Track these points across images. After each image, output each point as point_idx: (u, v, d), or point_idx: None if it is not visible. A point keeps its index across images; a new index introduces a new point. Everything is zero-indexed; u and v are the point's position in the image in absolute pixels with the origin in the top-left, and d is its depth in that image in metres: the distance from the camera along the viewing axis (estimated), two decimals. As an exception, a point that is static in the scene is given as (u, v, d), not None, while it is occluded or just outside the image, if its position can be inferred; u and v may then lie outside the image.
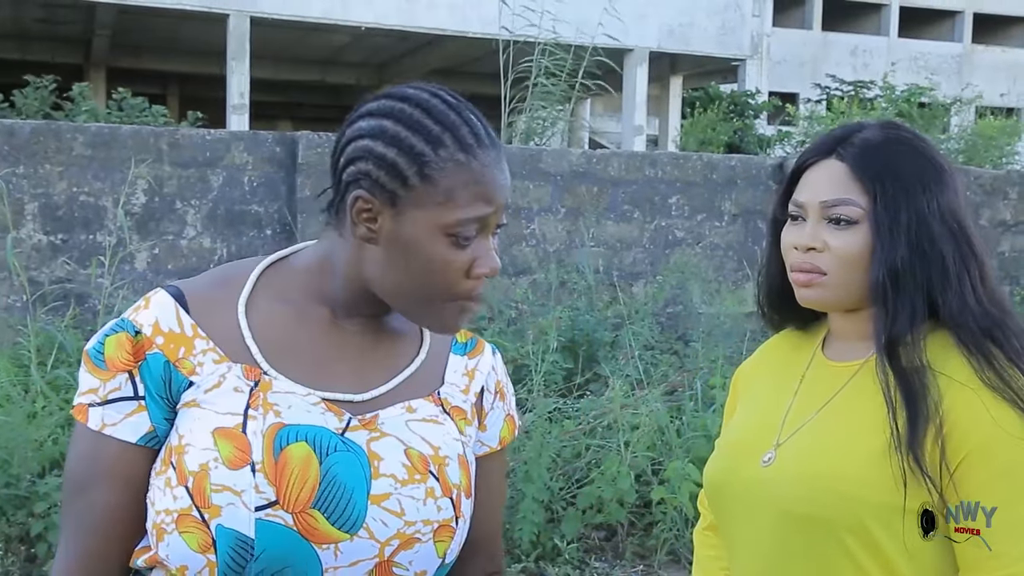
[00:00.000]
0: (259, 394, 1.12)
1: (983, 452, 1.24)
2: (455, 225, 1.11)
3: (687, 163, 7.53)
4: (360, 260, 1.16)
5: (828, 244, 1.34)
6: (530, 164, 7.03)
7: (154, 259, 6.19)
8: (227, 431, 1.09)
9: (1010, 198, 8.48)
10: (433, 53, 17.44)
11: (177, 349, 1.13)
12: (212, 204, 6.30)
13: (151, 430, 1.13)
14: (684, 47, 16.93)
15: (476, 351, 1.31)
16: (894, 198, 1.31)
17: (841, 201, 1.33)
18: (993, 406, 1.25)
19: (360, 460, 1.12)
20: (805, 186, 1.38)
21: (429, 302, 1.15)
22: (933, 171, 1.34)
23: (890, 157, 1.34)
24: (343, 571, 1.10)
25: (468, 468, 1.21)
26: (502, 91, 7.49)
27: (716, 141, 14.05)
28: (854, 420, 1.34)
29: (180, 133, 6.39)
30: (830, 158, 1.36)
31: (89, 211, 6.09)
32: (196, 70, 18.83)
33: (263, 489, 1.07)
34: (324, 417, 1.13)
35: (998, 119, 15.40)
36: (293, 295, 1.20)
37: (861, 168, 1.33)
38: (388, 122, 1.13)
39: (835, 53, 25.08)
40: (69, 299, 5.52)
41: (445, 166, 1.11)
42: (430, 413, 1.20)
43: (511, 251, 6.99)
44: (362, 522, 1.10)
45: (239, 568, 1.07)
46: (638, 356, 5.27)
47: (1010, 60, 26.36)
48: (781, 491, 1.34)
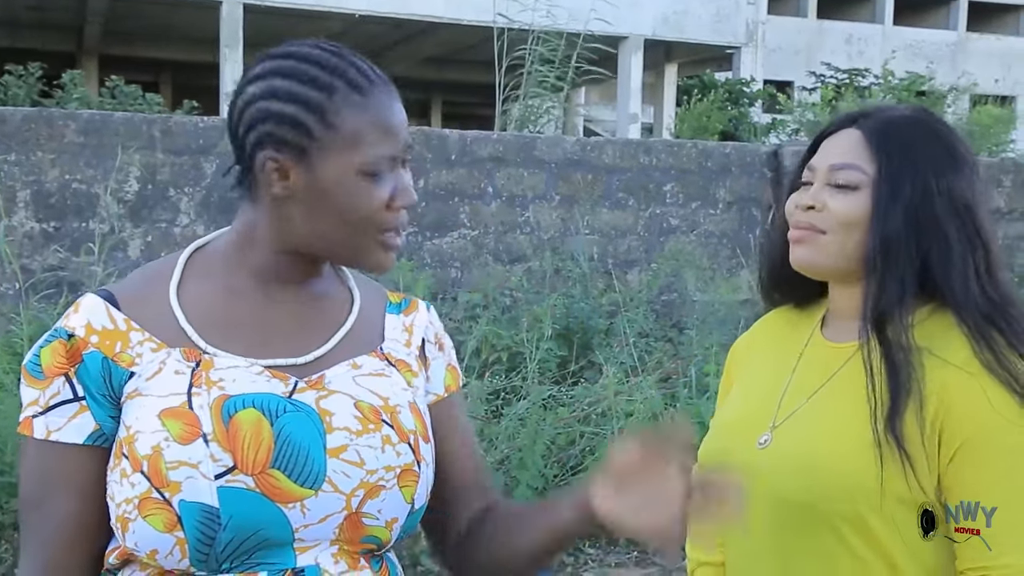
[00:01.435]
0: (201, 373, 1.12)
1: (981, 440, 1.23)
2: (367, 164, 1.14)
3: (681, 151, 7.52)
4: (280, 221, 1.17)
5: (827, 204, 1.34)
6: (525, 152, 7.02)
7: (147, 246, 6.17)
8: (173, 410, 1.10)
9: (1004, 186, 8.48)
10: (427, 41, 17.39)
11: (113, 345, 1.13)
12: (205, 191, 6.28)
13: (96, 428, 1.13)
14: (679, 35, 16.91)
15: (411, 308, 1.33)
16: (900, 169, 1.32)
17: (847, 165, 1.34)
18: (991, 388, 1.24)
19: (311, 418, 1.13)
20: (820, 152, 1.39)
21: (357, 242, 1.17)
22: (948, 155, 1.34)
23: (906, 132, 1.35)
24: (313, 528, 1.11)
25: (421, 415, 1.23)
26: (497, 79, 7.47)
27: (711, 129, 14.03)
28: (849, 404, 1.32)
29: (173, 120, 6.36)
30: (850, 128, 1.38)
31: (82, 198, 6.06)
32: (189, 58, 18.76)
33: (219, 457, 1.07)
34: (270, 384, 1.14)
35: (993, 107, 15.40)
36: (221, 274, 1.21)
37: (874, 137, 1.34)
38: (278, 80, 1.15)
39: (830, 41, 25.03)
40: (62, 287, 5.50)
41: (343, 110, 1.14)
42: (376, 367, 1.22)
43: (505, 239, 6.98)
44: (324, 477, 1.11)
45: (209, 540, 1.07)
46: (632, 343, 5.27)
47: (1004, 48, 26.34)
48: (776, 478, 1.34)
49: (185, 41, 18.07)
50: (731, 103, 15.90)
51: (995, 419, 1.23)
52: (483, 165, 6.92)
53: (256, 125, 1.15)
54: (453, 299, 6.12)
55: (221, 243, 1.24)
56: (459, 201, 6.90)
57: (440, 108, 23.00)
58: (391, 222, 1.18)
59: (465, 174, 6.89)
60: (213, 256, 1.23)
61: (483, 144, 6.93)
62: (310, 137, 1.14)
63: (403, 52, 18.01)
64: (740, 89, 16.46)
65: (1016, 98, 23.11)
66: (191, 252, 1.23)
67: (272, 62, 1.17)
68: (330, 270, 1.29)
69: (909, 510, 1.27)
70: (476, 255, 6.89)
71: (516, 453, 4.22)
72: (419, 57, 18.40)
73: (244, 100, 1.17)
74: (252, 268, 1.20)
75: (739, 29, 17.27)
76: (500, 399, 4.81)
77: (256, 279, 1.20)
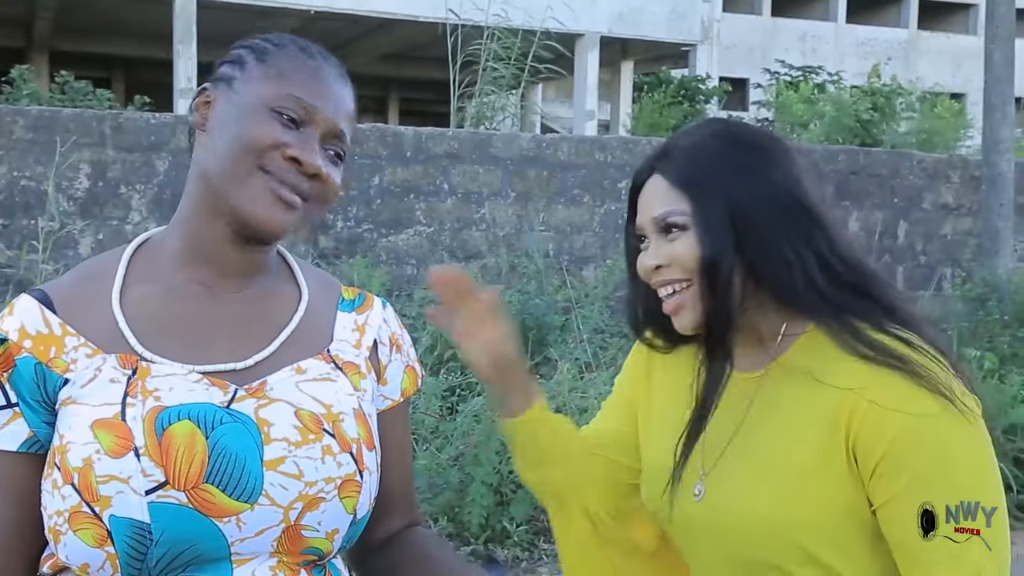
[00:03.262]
0: (137, 381, 1.09)
1: (901, 452, 1.21)
2: (278, 99, 1.14)
3: (636, 147, 7.56)
4: (199, 160, 1.18)
5: (671, 255, 1.32)
6: (480, 149, 7.03)
7: (99, 244, 6.10)
8: (105, 422, 1.07)
9: (952, 182, 8.62)
10: (383, 37, 17.31)
11: (47, 350, 1.11)
12: (158, 189, 6.22)
13: (31, 435, 1.10)
14: (635, 32, 16.97)
15: (365, 306, 1.29)
16: (706, 193, 1.30)
17: (667, 213, 1.31)
18: (883, 393, 1.22)
19: (249, 429, 1.09)
20: (639, 211, 1.37)
21: (241, 175, 1.13)
22: (751, 156, 1.32)
23: (702, 157, 1.32)
24: (250, 542, 1.08)
25: (366, 421, 1.19)
26: (451, 75, 7.46)
27: (665, 125, 14.11)
28: (775, 440, 1.30)
29: (124, 117, 6.29)
30: (653, 176, 1.35)
31: (30, 195, 5.98)
32: (142, 54, 18.52)
33: (150, 472, 1.04)
34: (208, 392, 1.11)
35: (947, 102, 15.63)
36: (163, 272, 1.18)
37: (677, 177, 1.32)
38: (242, 43, 1.23)
39: (784, 39, 25.28)
40: (10, 285, 5.42)
41: (283, 56, 1.18)
42: (321, 372, 1.18)
43: (461, 235, 6.98)
44: (260, 490, 1.07)
45: (140, 556, 1.04)
46: (587, 340, 5.30)
47: (954, 46, 26.74)
48: (720, 536, 1.32)
49: (138, 37, 17.83)
50: (687, 100, 16.01)
51: (907, 425, 1.20)
52: (439, 162, 6.92)
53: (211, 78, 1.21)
54: (408, 296, 6.11)
55: (163, 236, 1.21)
56: (415, 198, 6.89)
57: (397, 105, 22.91)
58: (276, 164, 1.13)
59: (421, 171, 6.89)
60: (156, 252, 1.20)
61: (439, 141, 6.93)
62: (242, 69, 1.17)
63: (359, 48, 17.92)
64: (696, 86, 16.58)
65: (966, 95, 23.47)
66: (135, 248, 1.20)
67: None
68: (280, 266, 1.26)
69: (855, 528, 1.26)
70: (432, 252, 6.89)
71: (471, 450, 4.23)
72: (376, 53, 18.30)
73: None
74: (191, 256, 1.18)
75: (694, 26, 17.38)
76: (455, 396, 4.82)
77: (198, 273, 1.18)
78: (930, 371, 1.22)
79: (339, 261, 6.24)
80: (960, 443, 1.21)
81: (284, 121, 1.14)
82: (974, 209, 8.62)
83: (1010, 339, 6.74)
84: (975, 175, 8.63)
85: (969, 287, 7.92)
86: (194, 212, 1.18)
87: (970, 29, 27.28)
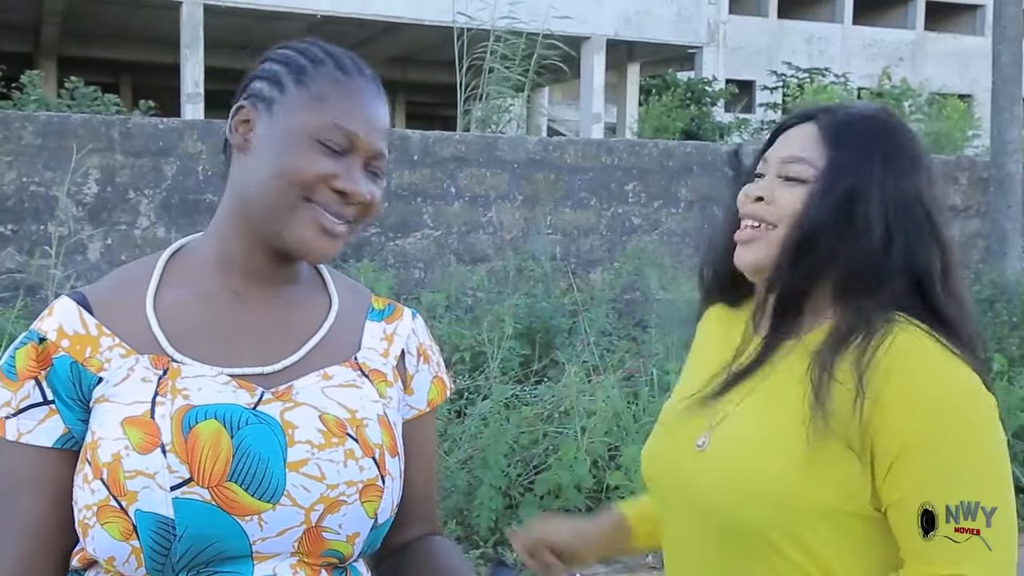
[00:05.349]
0: (167, 381, 1.12)
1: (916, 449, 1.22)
2: (322, 129, 1.14)
3: (643, 150, 7.56)
4: (235, 179, 1.19)
5: (776, 197, 1.33)
6: (487, 152, 7.03)
7: (107, 249, 6.12)
8: (135, 419, 1.10)
9: (960, 183, 8.61)
10: (389, 41, 17.35)
11: (83, 349, 1.14)
12: (166, 193, 6.24)
13: (66, 432, 1.14)
14: (641, 35, 16.97)
15: (394, 316, 1.31)
16: (844, 165, 1.30)
17: (796, 159, 1.33)
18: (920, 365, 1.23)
19: (274, 431, 1.12)
20: (775, 145, 1.38)
21: (283, 203, 1.14)
22: (902, 154, 1.32)
23: (860, 129, 1.33)
24: (272, 541, 1.10)
25: (391, 428, 1.20)
26: (457, 78, 7.47)
27: (672, 128, 14.11)
28: (782, 409, 1.30)
29: (132, 122, 6.31)
30: (809, 123, 1.36)
31: (39, 201, 6.00)
32: (149, 59, 18.58)
33: (175, 468, 1.07)
34: (236, 394, 1.14)
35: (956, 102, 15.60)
36: (197, 278, 1.21)
37: (827, 133, 1.33)
38: (276, 56, 1.22)
39: (790, 41, 25.27)
40: (19, 290, 5.44)
41: (321, 77, 1.17)
42: (347, 378, 1.20)
43: (468, 239, 6.99)
44: (282, 490, 1.10)
45: (164, 550, 1.07)
46: (595, 342, 5.30)
47: (961, 47, 26.69)
48: (709, 493, 1.32)
49: (145, 42, 17.89)
50: (693, 102, 16.00)
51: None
52: (446, 165, 6.93)
53: (246, 88, 1.20)
54: (416, 300, 6.12)
55: (198, 243, 1.24)
56: (422, 202, 6.90)
57: (404, 109, 22.94)
58: (324, 197, 1.14)
59: (428, 174, 6.90)
60: (190, 259, 1.23)
61: (445, 144, 6.94)
62: (281, 91, 1.17)
63: (366, 53, 17.79)
64: (702, 88, 16.57)
65: (973, 97, 23.43)
66: (171, 254, 1.23)
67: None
68: (311, 276, 1.28)
69: (847, 520, 1.26)
70: (439, 255, 6.90)
71: (479, 453, 4.23)
72: (382, 58, 18.33)
73: (247, 80, 1.22)
74: (224, 265, 1.20)
75: (700, 29, 17.38)
76: (463, 399, 4.82)
77: (230, 281, 1.20)
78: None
79: (346, 265, 6.24)
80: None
81: (328, 153, 1.15)
82: (982, 211, 8.60)
83: (1019, 341, 6.71)
84: (983, 177, 8.61)
85: (977, 289, 7.89)
86: (230, 226, 1.21)
87: (977, 30, 27.23)
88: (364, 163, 1.18)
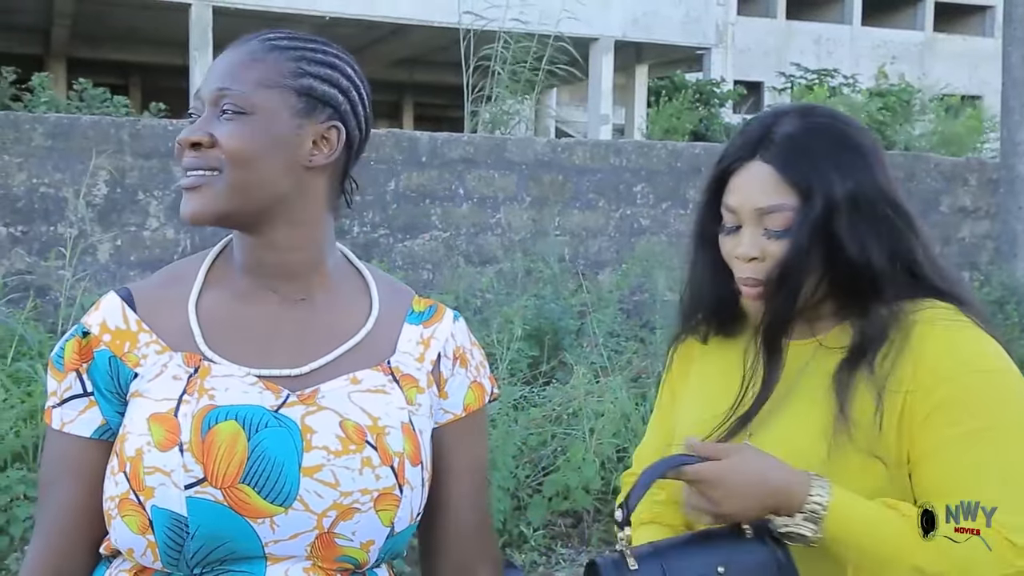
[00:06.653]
0: (196, 380, 1.14)
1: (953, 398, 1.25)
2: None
3: (652, 151, 7.56)
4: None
5: (768, 253, 1.32)
6: (495, 153, 7.03)
7: (117, 251, 6.14)
8: (160, 416, 1.12)
9: (970, 184, 8.59)
10: (398, 43, 17.35)
11: (123, 345, 1.17)
12: (175, 195, 6.25)
13: (103, 423, 1.17)
14: (649, 36, 16.96)
15: (434, 319, 1.30)
16: (811, 192, 1.29)
17: (775, 208, 1.30)
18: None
19: (292, 434, 1.13)
20: (735, 191, 1.35)
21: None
22: (855, 156, 1.32)
23: (810, 153, 1.31)
24: (284, 544, 1.11)
25: (415, 437, 1.19)
26: (465, 80, 7.48)
27: (681, 130, 14.09)
28: (815, 411, 1.31)
29: (141, 124, 6.33)
30: (756, 161, 1.33)
31: (49, 202, 6.02)
32: (158, 61, 18.62)
33: (191, 467, 1.09)
34: (261, 395, 1.15)
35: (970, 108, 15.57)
36: (234, 277, 1.23)
37: (785, 170, 1.30)
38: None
39: (799, 42, 25.21)
40: (29, 291, 5.46)
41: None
42: (377, 383, 1.20)
43: (476, 240, 6.99)
44: (295, 495, 1.10)
45: (177, 546, 1.09)
46: (603, 344, 5.30)
47: (971, 48, 26.61)
48: None
49: (154, 44, 17.93)
50: (701, 104, 15.97)
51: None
52: (454, 167, 6.93)
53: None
54: (424, 301, 6.11)
55: None
56: (430, 203, 6.91)
57: (412, 110, 22.95)
58: (182, 158, 1.19)
59: (436, 176, 6.90)
60: (231, 258, 1.25)
61: (454, 146, 6.94)
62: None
63: (374, 54, 17.96)
64: (710, 90, 16.54)
65: (982, 98, 23.36)
66: (217, 252, 1.26)
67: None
68: (354, 277, 1.29)
69: None
70: (447, 257, 6.90)
71: (487, 454, 4.23)
72: (390, 59, 18.35)
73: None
74: (261, 259, 1.22)
75: (709, 30, 17.35)
76: (472, 400, 4.81)
77: (268, 282, 1.22)
78: None
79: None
80: None
81: (192, 120, 1.19)
82: (992, 212, 8.58)
83: (1028, 342, 6.69)
84: (992, 178, 8.59)
85: (987, 291, 7.87)
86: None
87: (986, 31, 27.16)
88: (217, 112, 1.17)
